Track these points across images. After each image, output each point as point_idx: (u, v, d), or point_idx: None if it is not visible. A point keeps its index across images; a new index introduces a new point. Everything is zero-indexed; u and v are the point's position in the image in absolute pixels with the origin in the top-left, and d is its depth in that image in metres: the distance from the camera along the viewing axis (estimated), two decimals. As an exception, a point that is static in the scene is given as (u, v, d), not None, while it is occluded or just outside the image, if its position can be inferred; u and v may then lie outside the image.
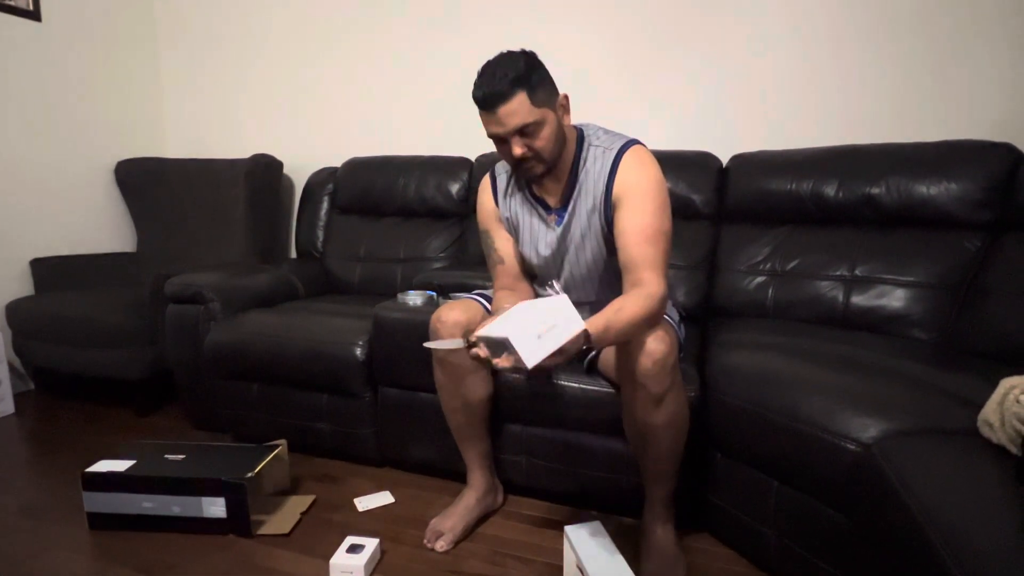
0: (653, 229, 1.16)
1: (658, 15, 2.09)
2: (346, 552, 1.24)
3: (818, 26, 1.91)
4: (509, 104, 1.12)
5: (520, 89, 1.11)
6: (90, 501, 1.40)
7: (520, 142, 1.15)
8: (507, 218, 1.36)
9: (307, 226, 2.50)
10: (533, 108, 1.13)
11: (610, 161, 1.21)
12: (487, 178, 1.41)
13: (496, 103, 1.12)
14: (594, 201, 1.23)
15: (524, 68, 1.12)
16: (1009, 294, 1.38)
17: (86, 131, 2.58)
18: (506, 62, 1.13)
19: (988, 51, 1.74)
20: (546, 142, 1.17)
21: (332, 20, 2.55)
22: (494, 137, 1.18)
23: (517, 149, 1.16)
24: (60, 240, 2.47)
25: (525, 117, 1.13)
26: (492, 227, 1.38)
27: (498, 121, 1.14)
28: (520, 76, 1.11)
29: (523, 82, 1.12)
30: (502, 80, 1.11)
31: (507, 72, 1.11)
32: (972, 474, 0.80)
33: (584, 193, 1.24)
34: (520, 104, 1.12)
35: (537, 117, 1.14)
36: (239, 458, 1.45)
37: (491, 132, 1.17)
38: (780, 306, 1.73)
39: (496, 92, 1.11)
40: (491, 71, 1.13)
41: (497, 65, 1.14)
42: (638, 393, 1.14)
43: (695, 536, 1.38)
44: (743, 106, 2.04)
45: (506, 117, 1.13)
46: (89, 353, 2.06)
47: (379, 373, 1.65)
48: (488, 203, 1.39)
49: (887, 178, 1.65)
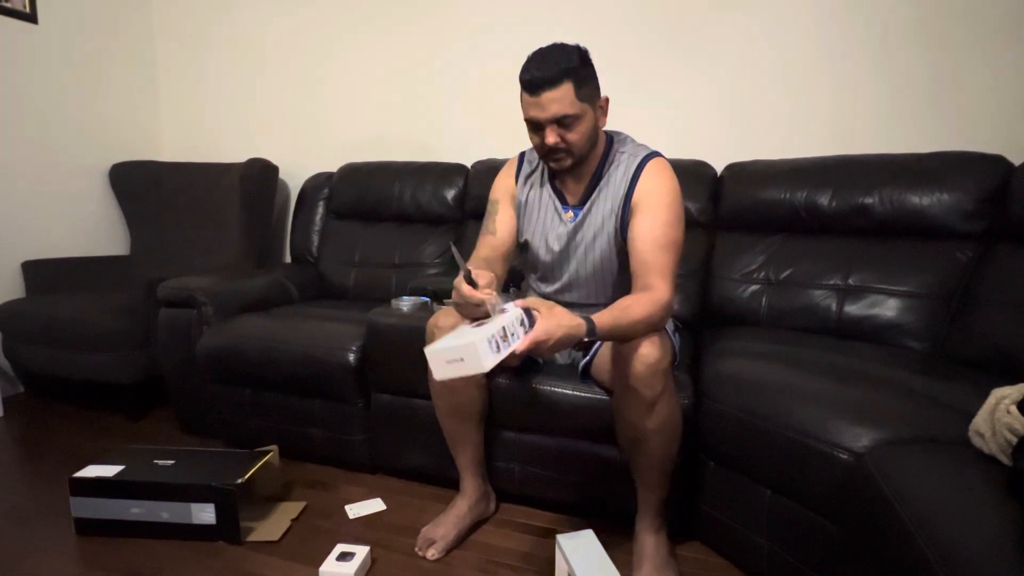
0: (667, 238, 1.18)
1: (654, 25, 2.10)
2: (336, 560, 1.23)
3: (813, 37, 1.93)
4: (555, 91, 1.13)
5: (568, 79, 1.13)
6: (78, 506, 1.39)
7: (555, 131, 1.17)
8: (521, 202, 1.37)
9: (302, 231, 2.49)
10: (576, 101, 1.14)
11: (633, 168, 1.24)
12: (515, 159, 1.42)
13: (542, 87, 1.13)
14: (613, 204, 1.25)
15: (577, 61, 1.14)
16: (1000, 304, 1.39)
17: (81, 134, 2.57)
18: (560, 51, 1.15)
19: (981, 63, 1.76)
20: (580, 137, 1.18)
21: (329, 26, 2.56)
22: (531, 121, 1.19)
23: (551, 137, 1.17)
24: (52, 242, 2.46)
25: (566, 108, 1.14)
26: (502, 201, 1.38)
27: (540, 105, 1.15)
28: (571, 68, 1.13)
29: (572, 74, 1.13)
30: (553, 67, 1.12)
31: (559, 61, 1.13)
32: (963, 484, 0.80)
33: (604, 195, 1.27)
34: (565, 93, 1.13)
35: (578, 110, 1.15)
36: (229, 464, 1.44)
37: (529, 116, 1.18)
38: (774, 315, 1.73)
39: (545, 77, 1.13)
40: (544, 56, 1.15)
41: (551, 52, 1.16)
42: (631, 398, 1.14)
43: (688, 545, 1.37)
44: (738, 115, 2.05)
45: (549, 103, 1.14)
46: (80, 356, 2.05)
47: (372, 379, 1.64)
48: (508, 180, 1.40)
49: (880, 188, 1.66)
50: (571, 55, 1.15)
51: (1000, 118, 1.76)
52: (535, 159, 1.37)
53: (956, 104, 1.80)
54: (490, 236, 1.36)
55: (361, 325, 1.65)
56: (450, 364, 0.91)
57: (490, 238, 1.36)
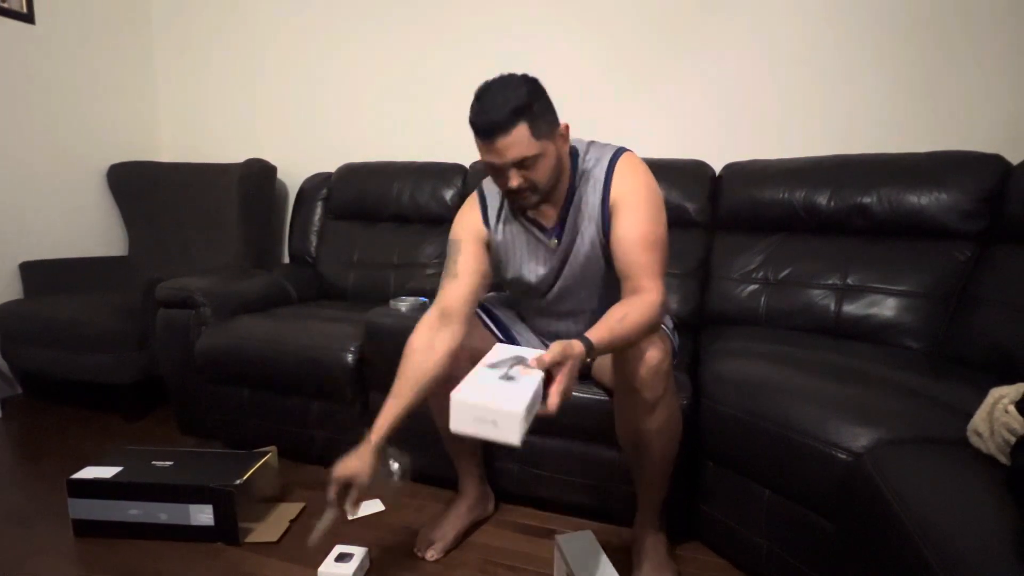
0: (651, 236, 1.13)
1: (653, 25, 2.10)
2: (335, 561, 1.23)
3: (812, 37, 1.93)
4: (509, 136, 1.05)
5: (521, 120, 1.05)
6: (76, 508, 1.38)
7: (517, 174, 1.09)
8: (499, 243, 1.28)
9: (300, 231, 2.49)
10: (533, 140, 1.06)
11: (603, 171, 1.18)
12: (475, 197, 1.32)
13: (495, 133, 1.05)
14: (591, 213, 1.19)
15: (526, 97, 1.05)
16: (999, 304, 1.39)
17: (79, 134, 2.56)
18: (507, 89, 1.06)
19: (979, 62, 1.76)
20: (544, 174, 1.11)
21: (327, 26, 2.55)
22: (488, 166, 1.13)
23: (514, 180, 1.10)
24: (50, 243, 2.45)
25: (524, 150, 1.06)
26: (465, 241, 1.27)
27: (496, 152, 1.07)
28: (522, 106, 1.04)
29: (525, 112, 1.05)
30: (502, 109, 1.04)
31: (508, 100, 1.04)
32: (962, 484, 0.80)
33: (582, 209, 1.20)
34: (520, 136, 1.05)
35: (537, 150, 1.07)
36: (228, 465, 1.43)
37: (486, 161, 1.11)
38: (772, 314, 1.73)
39: (495, 122, 1.04)
40: (491, 98, 1.06)
41: (498, 91, 1.07)
42: (632, 399, 1.13)
43: (687, 545, 1.37)
44: (737, 115, 2.05)
45: (505, 149, 1.06)
46: (78, 357, 2.04)
47: (371, 379, 1.64)
48: (472, 221, 1.28)
49: (879, 188, 1.66)
50: (519, 91, 1.05)
51: (998, 118, 1.76)
52: (495, 191, 1.28)
53: (954, 104, 1.80)
54: (451, 280, 1.24)
55: (360, 325, 1.65)
56: (477, 422, 0.83)
57: (452, 284, 1.23)
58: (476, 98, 1.09)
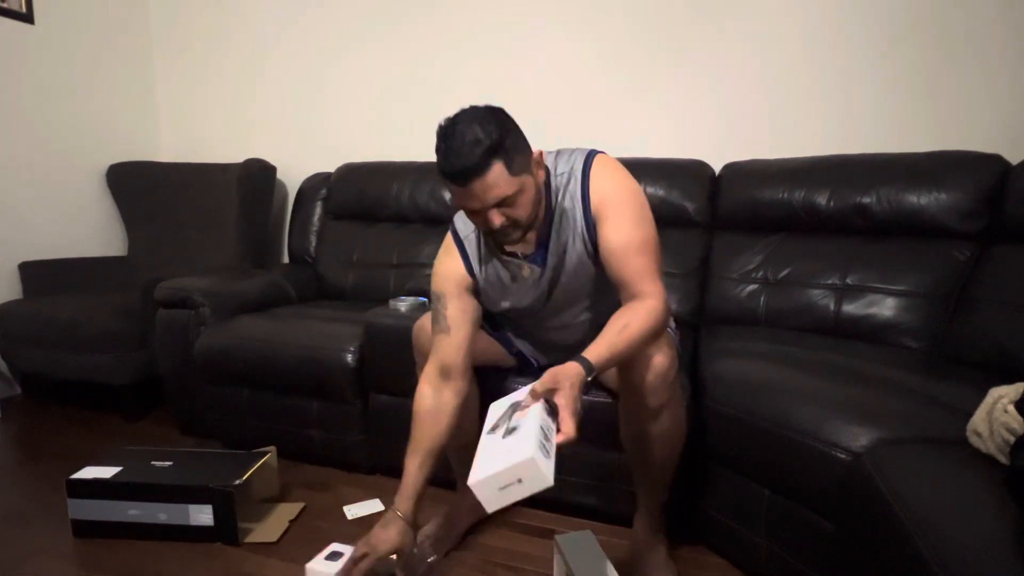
0: (640, 239, 1.09)
1: (652, 26, 2.10)
2: (325, 559, 1.23)
3: (811, 37, 1.93)
4: (485, 179, 0.97)
5: (496, 160, 0.97)
6: (75, 508, 1.38)
7: (498, 213, 1.01)
8: (484, 283, 1.22)
9: (300, 231, 2.49)
10: (511, 178, 0.99)
11: (579, 182, 1.12)
12: (450, 241, 1.23)
13: (470, 178, 0.97)
14: (575, 228, 1.13)
15: (498, 134, 0.97)
16: (998, 304, 1.39)
17: (78, 134, 2.56)
18: (475, 127, 0.97)
19: (979, 62, 1.76)
20: (526, 209, 1.04)
21: (327, 26, 2.55)
22: (465, 210, 1.06)
23: (497, 220, 1.02)
24: (50, 243, 2.45)
25: (504, 190, 0.98)
26: (449, 292, 1.20)
27: (473, 196, 0.99)
28: (494, 144, 0.96)
29: (498, 151, 0.97)
30: (473, 151, 0.95)
31: (479, 140, 0.95)
32: (961, 483, 0.80)
33: (562, 224, 1.14)
34: (497, 176, 0.97)
35: (516, 187, 1.00)
36: (227, 465, 1.43)
37: (463, 206, 1.04)
38: (772, 314, 1.73)
39: (469, 167, 0.96)
40: (459, 139, 0.97)
41: (465, 130, 0.97)
42: (636, 404, 1.13)
43: (686, 546, 1.37)
44: (736, 115, 2.05)
45: (483, 192, 0.98)
46: (77, 357, 2.04)
47: (370, 379, 1.64)
48: (454, 268, 1.21)
49: (878, 188, 1.66)
50: (487, 126, 0.97)
51: (997, 117, 1.76)
52: (471, 229, 1.21)
53: (953, 104, 1.80)
54: (443, 337, 1.19)
55: (359, 326, 1.65)
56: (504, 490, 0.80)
57: (444, 340, 1.18)
58: (441, 139, 1.00)
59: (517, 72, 2.28)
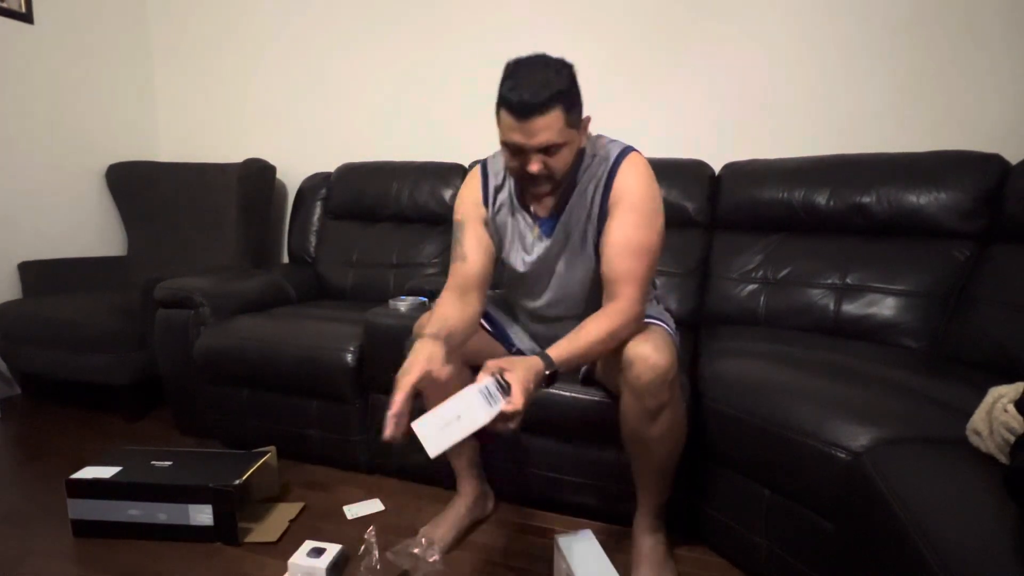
0: (638, 242, 1.11)
1: (652, 25, 2.10)
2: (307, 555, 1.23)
3: (812, 37, 1.93)
4: (545, 118, 1.00)
5: (559, 104, 1.01)
6: (75, 508, 1.38)
7: (539, 159, 1.05)
8: (495, 220, 1.27)
9: (300, 231, 2.49)
10: (565, 128, 1.03)
11: (607, 170, 1.15)
12: (477, 172, 1.29)
13: (531, 113, 1.00)
14: (589, 211, 1.17)
15: (567, 83, 1.02)
16: (998, 303, 1.39)
17: (78, 134, 2.56)
18: (549, 70, 1.02)
19: (978, 62, 1.76)
20: (564, 164, 1.08)
21: (326, 26, 2.55)
22: (512, 146, 1.06)
23: (535, 166, 1.05)
24: (49, 243, 2.45)
25: (555, 136, 1.02)
26: (469, 220, 1.25)
27: (526, 132, 1.02)
28: (563, 91, 1.01)
29: (564, 98, 1.01)
30: (543, 89, 0.99)
31: (549, 82, 1.00)
32: (961, 483, 0.80)
33: (579, 203, 1.18)
34: (555, 120, 1.01)
35: (566, 138, 1.04)
36: (227, 465, 1.43)
37: (512, 140, 1.05)
38: (772, 314, 1.73)
39: (535, 102, 0.99)
40: (531, 75, 1.01)
41: (539, 70, 1.02)
42: (636, 404, 1.13)
43: (687, 545, 1.37)
44: (736, 115, 2.05)
45: (537, 131, 1.01)
46: (77, 357, 2.04)
47: (370, 379, 1.64)
48: (473, 200, 1.27)
49: (878, 187, 1.66)
50: (561, 75, 1.02)
51: (997, 117, 1.76)
52: (500, 171, 1.25)
53: (953, 103, 1.80)
54: (460, 263, 1.23)
55: (359, 325, 1.65)
56: (445, 429, 0.88)
57: (460, 266, 1.23)
58: (509, 73, 1.04)
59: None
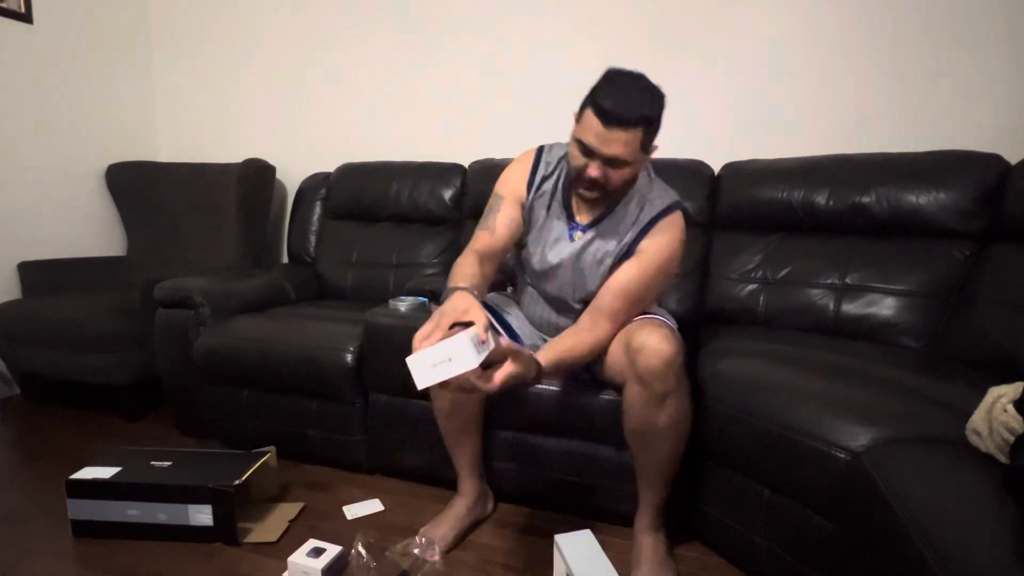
0: (636, 294, 1.20)
1: (652, 26, 2.10)
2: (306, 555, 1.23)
3: (811, 38, 1.93)
4: (626, 133, 1.06)
5: (642, 127, 1.06)
6: (74, 508, 1.38)
7: (601, 167, 1.11)
8: (530, 210, 1.31)
9: (299, 231, 2.49)
10: (636, 150, 1.09)
11: (650, 216, 1.22)
12: (532, 155, 1.33)
13: (616, 123, 1.05)
14: (619, 242, 1.23)
15: (657, 113, 1.08)
16: (997, 303, 1.39)
17: (77, 134, 2.56)
18: (645, 90, 1.08)
19: (977, 61, 1.76)
20: (621, 180, 1.14)
21: (326, 25, 2.55)
22: (584, 144, 1.11)
23: (594, 171, 1.11)
24: (49, 243, 2.45)
25: (625, 153, 1.08)
26: (507, 197, 1.30)
27: (604, 138, 1.07)
28: (652, 116, 1.07)
29: (648, 123, 1.07)
30: (636, 108, 1.05)
31: (643, 104, 1.06)
32: (961, 483, 0.80)
33: (614, 228, 1.24)
34: (633, 139, 1.07)
35: (634, 158, 1.10)
36: (227, 465, 1.43)
37: (586, 140, 1.10)
38: (771, 314, 1.74)
39: (624, 116, 1.04)
40: (628, 89, 1.07)
41: (637, 88, 1.08)
42: (642, 392, 1.14)
43: (686, 545, 1.37)
44: (735, 115, 2.05)
45: (613, 142, 1.07)
46: (76, 358, 2.04)
47: (370, 379, 1.64)
48: (518, 180, 1.31)
49: (877, 187, 1.66)
50: (656, 101, 1.08)
51: (997, 117, 1.76)
52: (554, 161, 1.30)
53: (952, 103, 1.80)
54: (487, 233, 1.29)
55: (359, 325, 1.65)
56: (436, 367, 0.91)
57: (487, 235, 1.29)
58: (608, 79, 1.09)
59: (517, 72, 2.28)
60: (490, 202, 1.33)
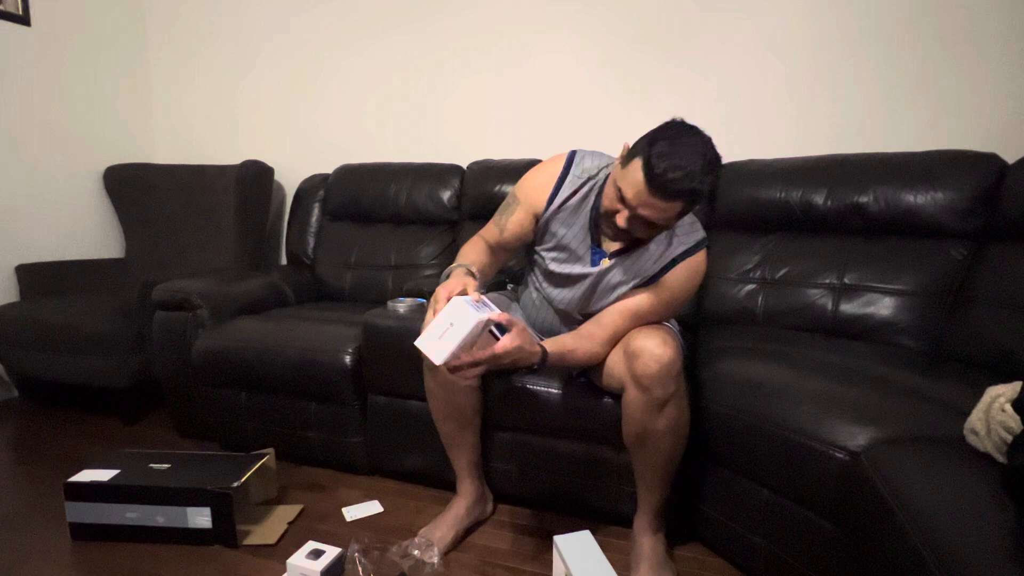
0: (641, 318, 1.21)
1: (651, 27, 2.11)
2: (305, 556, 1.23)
3: (808, 38, 1.93)
4: (667, 204, 1.01)
5: (683, 203, 1.01)
6: (72, 511, 1.38)
7: (631, 221, 1.06)
8: (549, 223, 1.27)
9: (298, 233, 2.49)
10: (674, 217, 1.06)
11: (676, 253, 1.20)
12: (560, 163, 1.26)
13: (660, 192, 0.99)
14: (640, 275, 1.22)
15: (709, 188, 1.00)
16: (995, 303, 1.39)
17: (75, 136, 2.56)
18: (703, 164, 0.98)
19: (975, 61, 1.77)
20: (647, 235, 1.13)
21: (324, 27, 2.55)
22: (621, 195, 1.05)
23: (622, 221, 1.06)
24: (47, 246, 2.44)
25: (660, 219, 1.04)
26: (523, 206, 1.29)
27: (643, 200, 1.01)
28: (699, 193, 1.00)
29: (692, 199, 1.01)
30: (687, 181, 0.98)
31: (693, 177, 0.97)
32: (959, 482, 0.80)
33: (637, 261, 1.22)
34: (672, 209, 1.02)
35: (666, 223, 1.07)
36: (225, 467, 1.43)
37: (626, 194, 1.04)
38: (770, 314, 1.74)
39: (670, 188, 0.98)
40: (686, 159, 0.98)
41: (695, 157, 0.98)
42: (642, 397, 1.13)
43: (686, 545, 1.37)
44: (733, 115, 2.05)
45: (649, 206, 1.02)
46: (74, 360, 2.04)
47: (368, 381, 1.64)
48: (539, 191, 1.26)
49: (875, 187, 1.67)
50: (708, 177, 0.99)
51: (994, 116, 1.76)
52: (582, 176, 1.23)
53: (950, 103, 1.81)
54: (497, 230, 1.33)
55: (357, 327, 1.65)
56: (443, 339, 0.93)
57: (496, 231, 1.33)
58: (670, 136, 1.01)
59: (517, 75, 2.28)
60: (507, 199, 1.34)
